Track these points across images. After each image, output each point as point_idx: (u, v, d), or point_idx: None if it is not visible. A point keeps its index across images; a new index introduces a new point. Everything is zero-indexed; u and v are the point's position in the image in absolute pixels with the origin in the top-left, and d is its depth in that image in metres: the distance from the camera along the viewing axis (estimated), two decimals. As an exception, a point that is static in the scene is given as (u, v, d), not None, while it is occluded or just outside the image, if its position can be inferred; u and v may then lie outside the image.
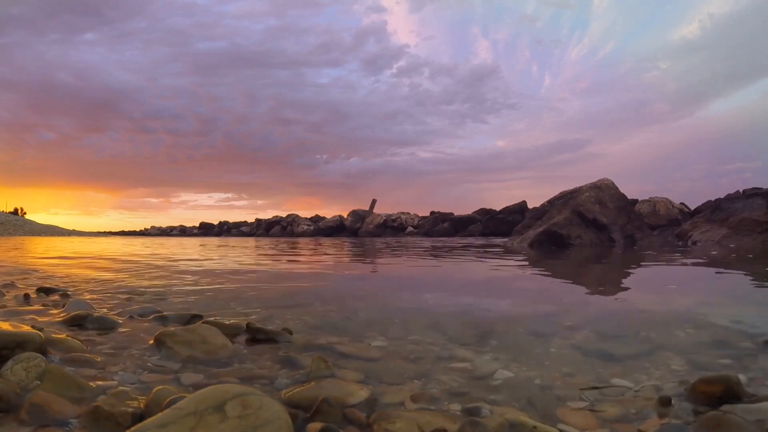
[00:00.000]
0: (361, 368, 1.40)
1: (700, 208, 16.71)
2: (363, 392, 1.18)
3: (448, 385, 1.26)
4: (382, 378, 1.32)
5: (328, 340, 1.71)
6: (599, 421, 1.06)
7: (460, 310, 2.45)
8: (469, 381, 1.31)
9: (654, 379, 1.32)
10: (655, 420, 1.05)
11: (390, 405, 1.13)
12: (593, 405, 1.14)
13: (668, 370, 1.39)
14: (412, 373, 1.36)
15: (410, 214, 36.70)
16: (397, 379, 1.31)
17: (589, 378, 1.33)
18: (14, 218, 39.16)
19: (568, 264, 5.76)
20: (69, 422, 0.96)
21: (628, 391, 1.24)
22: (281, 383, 1.27)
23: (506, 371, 1.38)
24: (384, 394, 1.19)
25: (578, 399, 1.19)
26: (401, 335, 1.82)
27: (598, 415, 1.08)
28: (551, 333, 1.85)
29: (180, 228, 54.06)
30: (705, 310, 2.32)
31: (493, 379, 1.33)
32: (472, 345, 1.68)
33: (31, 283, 3.40)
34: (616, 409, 1.11)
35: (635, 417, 1.07)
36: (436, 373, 1.37)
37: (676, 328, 1.89)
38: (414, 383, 1.28)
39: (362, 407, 1.10)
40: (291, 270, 4.82)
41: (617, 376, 1.33)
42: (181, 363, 1.41)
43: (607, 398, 1.19)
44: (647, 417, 1.07)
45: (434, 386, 1.26)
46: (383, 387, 1.25)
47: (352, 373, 1.36)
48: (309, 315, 2.20)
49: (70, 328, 1.81)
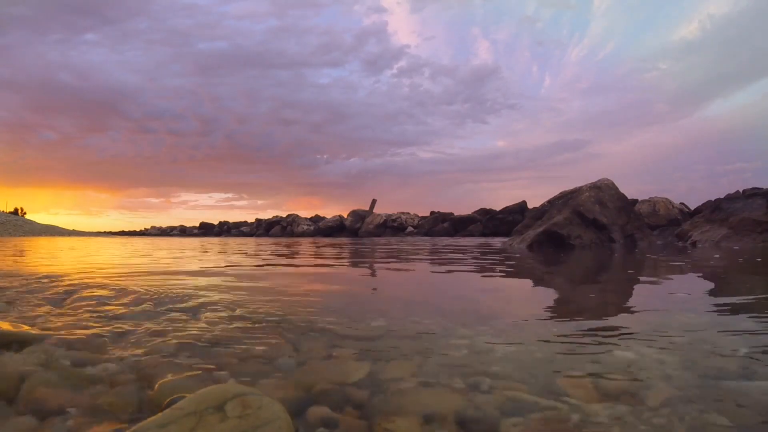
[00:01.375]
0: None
1: (699, 208, 16.72)
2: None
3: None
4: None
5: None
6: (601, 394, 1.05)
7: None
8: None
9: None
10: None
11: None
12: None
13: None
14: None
15: (410, 214, 36.75)
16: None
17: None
18: (14, 218, 39.18)
19: (558, 276, 5.76)
20: (68, 411, 0.98)
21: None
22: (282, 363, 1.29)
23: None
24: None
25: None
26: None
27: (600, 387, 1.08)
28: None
29: (180, 228, 54.08)
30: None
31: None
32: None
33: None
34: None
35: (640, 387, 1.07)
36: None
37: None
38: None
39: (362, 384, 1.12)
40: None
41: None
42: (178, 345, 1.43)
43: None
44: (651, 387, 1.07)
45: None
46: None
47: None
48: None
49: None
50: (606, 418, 0.95)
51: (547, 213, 11.44)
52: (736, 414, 0.97)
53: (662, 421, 0.94)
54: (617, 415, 0.96)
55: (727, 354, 1.40)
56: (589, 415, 0.96)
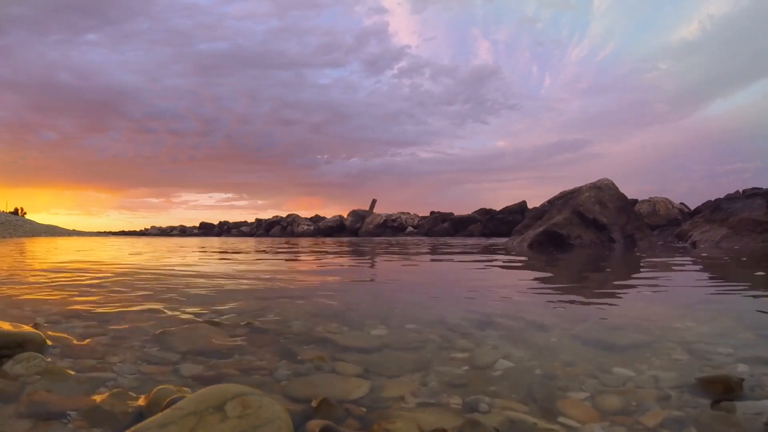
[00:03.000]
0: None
1: (699, 208, 16.71)
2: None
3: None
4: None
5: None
6: (599, 413, 1.05)
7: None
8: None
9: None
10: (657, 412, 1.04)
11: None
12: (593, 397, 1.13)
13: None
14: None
15: (410, 214, 36.72)
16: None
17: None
18: (14, 218, 39.16)
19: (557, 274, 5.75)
20: (67, 414, 0.98)
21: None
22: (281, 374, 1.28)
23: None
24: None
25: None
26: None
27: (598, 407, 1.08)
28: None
29: (180, 228, 54.06)
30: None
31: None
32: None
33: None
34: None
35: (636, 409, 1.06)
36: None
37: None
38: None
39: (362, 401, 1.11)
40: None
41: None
42: (180, 354, 1.42)
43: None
44: (648, 409, 1.06)
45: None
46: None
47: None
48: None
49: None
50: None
51: (547, 213, 11.44)
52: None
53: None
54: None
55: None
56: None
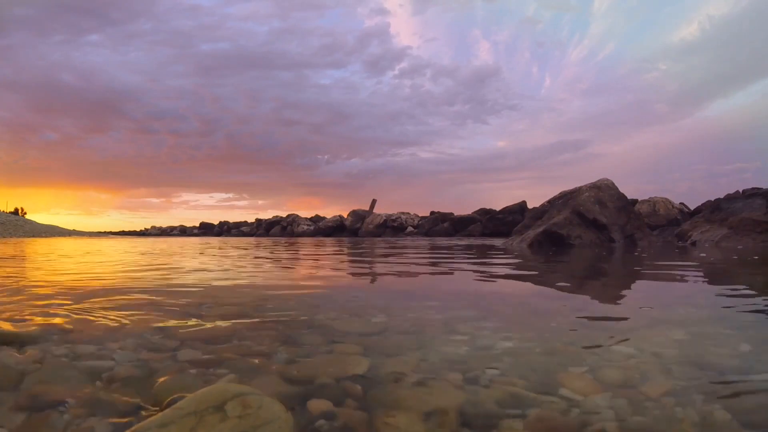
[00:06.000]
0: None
1: (699, 208, 16.73)
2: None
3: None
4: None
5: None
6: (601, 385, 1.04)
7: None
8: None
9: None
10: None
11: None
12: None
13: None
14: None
15: (410, 214, 36.73)
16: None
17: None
18: (14, 218, 39.17)
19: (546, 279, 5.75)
20: (65, 402, 0.99)
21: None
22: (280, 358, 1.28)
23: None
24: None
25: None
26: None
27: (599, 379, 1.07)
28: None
29: (180, 228, 54.11)
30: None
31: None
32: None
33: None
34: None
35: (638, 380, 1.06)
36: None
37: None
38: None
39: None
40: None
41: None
42: (179, 340, 1.42)
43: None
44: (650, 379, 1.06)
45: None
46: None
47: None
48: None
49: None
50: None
51: (547, 213, 11.44)
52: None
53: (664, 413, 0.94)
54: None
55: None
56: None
